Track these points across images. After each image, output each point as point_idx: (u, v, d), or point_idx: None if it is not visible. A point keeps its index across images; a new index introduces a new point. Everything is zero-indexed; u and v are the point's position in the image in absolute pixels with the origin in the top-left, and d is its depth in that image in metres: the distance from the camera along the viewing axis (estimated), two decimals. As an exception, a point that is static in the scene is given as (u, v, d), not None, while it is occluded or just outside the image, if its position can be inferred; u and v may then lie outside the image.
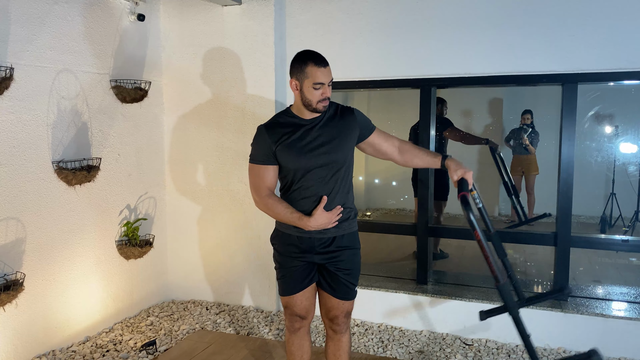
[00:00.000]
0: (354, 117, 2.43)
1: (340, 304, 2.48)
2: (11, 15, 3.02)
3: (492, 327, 3.60)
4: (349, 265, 2.44)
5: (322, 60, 2.29)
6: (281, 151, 2.35)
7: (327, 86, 2.30)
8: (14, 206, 3.08)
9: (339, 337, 2.55)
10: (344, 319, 2.52)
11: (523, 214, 6.03)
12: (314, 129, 2.36)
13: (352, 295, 2.50)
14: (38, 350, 3.27)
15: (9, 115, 3.02)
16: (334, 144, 2.35)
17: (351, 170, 2.47)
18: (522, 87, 6.27)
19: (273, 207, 2.37)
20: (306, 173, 2.36)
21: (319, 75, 2.26)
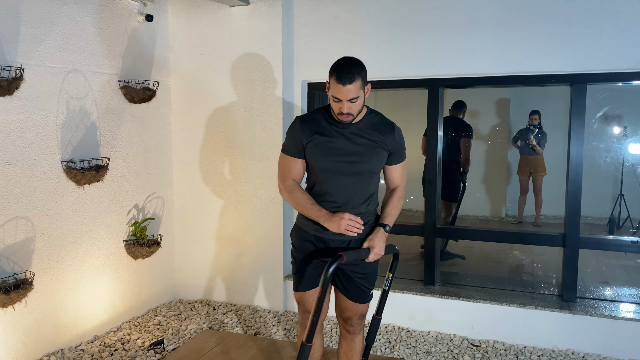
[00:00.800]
0: (391, 137, 2.38)
1: (354, 306, 2.49)
2: (21, 16, 3.04)
3: (500, 328, 3.59)
4: (363, 269, 2.44)
5: (345, 78, 2.19)
6: (310, 149, 2.36)
7: (346, 102, 2.23)
8: (23, 205, 3.10)
9: (352, 338, 2.57)
10: (358, 321, 2.53)
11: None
12: (347, 134, 2.35)
13: (367, 298, 2.50)
14: (47, 349, 3.29)
15: (19, 115, 3.04)
16: (362, 155, 2.34)
17: (376, 179, 2.44)
18: (530, 87, 6.26)
19: (295, 196, 2.39)
20: (329, 177, 2.37)
21: (337, 91, 2.22)
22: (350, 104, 2.24)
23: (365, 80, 2.27)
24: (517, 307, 3.56)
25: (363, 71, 2.26)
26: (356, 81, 2.20)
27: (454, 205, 5.26)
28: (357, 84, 2.21)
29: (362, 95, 2.26)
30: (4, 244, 3.01)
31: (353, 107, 2.25)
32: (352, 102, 2.23)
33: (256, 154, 4.10)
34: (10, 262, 3.04)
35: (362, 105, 2.30)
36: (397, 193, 2.50)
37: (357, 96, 2.22)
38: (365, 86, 2.28)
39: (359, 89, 2.22)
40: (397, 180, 2.50)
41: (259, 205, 4.14)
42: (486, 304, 3.63)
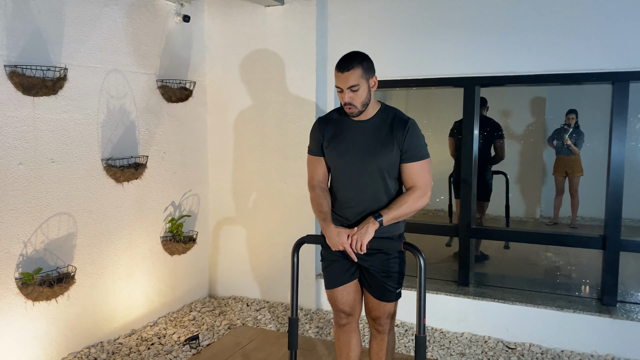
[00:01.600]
0: (403, 133, 2.30)
1: (380, 305, 2.47)
2: (65, 18, 3.13)
3: (537, 331, 3.53)
4: (386, 267, 2.42)
5: (343, 66, 2.24)
6: (326, 147, 2.42)
7: (346, 91, 2.25)
8: (66, 202, 3.19)
9: (382, 337, 2.55)
10: (386, 320, 2.51)
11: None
12: (359, 131, 2.36)
13: (392, 297, 2.46)
14: (88, 341, 3.38)
15: (62, 114, 3.14)
16: (372, 152, 2.33)
17: (392, 179, 2.38)
18: (567, 85, 6.12)
19: (313, 199, 2.45)
20: (341, 174, 2.40)
21: (337, 80, 2.27)
22: (352, 94, 2.25)
23: (368, 72, 2.28)
24: (554, 310, 3.49)
25: (365, 62, 2.27)
26: (355, 69, 2.23)
27: (486, 204, 5.18)
28: (357, 72, 2.23)
29: (364, 85, 2.26)
30: (48, 239, 3.10)
31: (355, 97, 2.26)
32: (354, 92, 2.25)
33: (289, 152, 4.13)
34: (53, 256, 3.14)
35: (366, 97, 2.28)
36: (409, 191, 2.34)
37: (357, 84, 2.23)
38: (369, 78, 2.28)
39: (359, 77, 2.24)
40: (413, 180, 2.34)
41: (291, 203, 4.16)
42: (522, 306, 3.57)
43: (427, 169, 2.36)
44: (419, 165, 2.33)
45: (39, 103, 3.00)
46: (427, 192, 2.33)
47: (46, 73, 2.96)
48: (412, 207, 2.32)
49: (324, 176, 2.49)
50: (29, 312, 3.01)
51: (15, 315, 2.93)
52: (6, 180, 2.86)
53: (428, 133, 7.29)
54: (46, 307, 3.10)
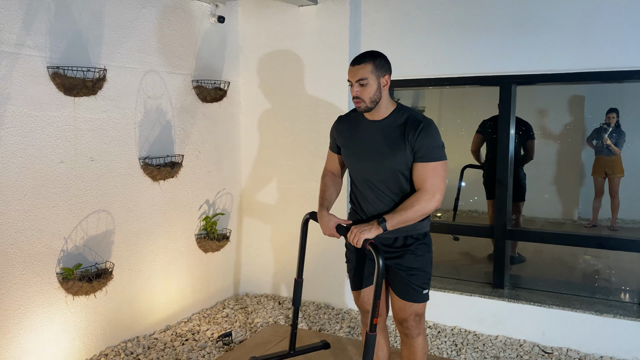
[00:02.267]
0: (413, 132, 2.26)
1: (406, 306, 2.43)
2: (105, 20, 3.21)
3: (574, 335, 3.44)
4: (411, 266, 2.39)
5: (355, 59, 2.31)
6: (341, 146, 2.50)
7: (355, 84, 2.28)
8: (105, 199, 3.28)
9: (411, 342, 2.49)
10: (414, 323, 2.45)
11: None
12: (372, 131, 2.37)
13: (419, 298, 2.42)
14: (124, 335, 3.47)
15: (101, 114, 3.22)
16: (384, 152, 2.32)
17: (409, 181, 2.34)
18: (607, 84, 5.94)
19: (320, 186, 2.59)
20: (356, 174, 2.44)
21: (348, 73, 2.34)
22: (360, 88, 2.28)
23: (380, 69, 2.29)
24: (593, 315, 3.40)
25: (378, 60, 2.30)
26: (366, 64, 2.27)
27: (522, 204, 5.07)
28: (367, 67, 2.27)
29: (373, 81, 2.27)
30: (88, 235, 3.19)
31: (363, 92, 2.28)
32: (362, 86, 2.27)
33: (321, 152, 4.14)
34: (92, 252, 3.23)
35: (375, 93, 2.28)
36: (415, 194, 2.28)
37: (366, 77, 2.26)
38: (381, 76, 2.29)
39: (369, 72, 2.26)
40: (420, 181, 2.28)
41: (324, 203, 4.16)
42: (559, 309, 3.49)
43: (438, 172, 2.27)
44: (429, 167, 2.26)
45: (79, 103, 3.09)
46: (435, 195, 2.25)
47: (86, 74, 3.05)
48: (419, 211, 2.25)
49: (337, 168, 2.61)
50: (69, 306, 3.10)
51: (56, 308, 3.03)
52: (48, 178, 2.96)
53: (461, 133, 7.22)
54: (85, 302, 3.19)
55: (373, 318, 2.21)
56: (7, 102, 2.74)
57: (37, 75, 2.87)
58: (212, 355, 3.36)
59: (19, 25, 2.76)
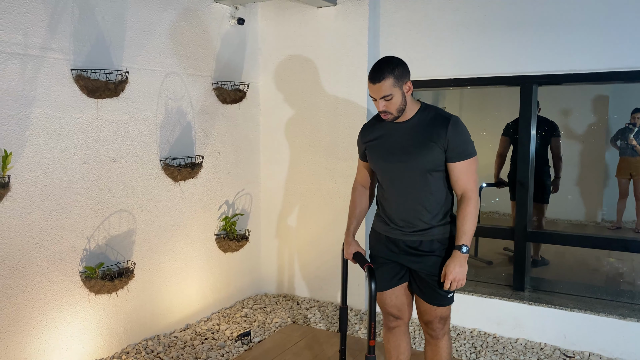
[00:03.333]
0: (444, 131, 2.26)
1: (432, 309, 2.43)
2: (127, 23, 3.27)
3: (597, 339, 3.39)
4: (435, 271, 2.38)
5: (374, 77, 2.24)
6: (369, 152, 2.48)
7: (380, 100, 2.26)
8: (126, 199, 3.33)
9: (435, 342, 2.50)
10: (439, 325, 2.46)
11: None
12: (400, 132, 2.35)
13: (445, 301, 2.42)
14: (145, 334, 3.52)
15: (123, 116, 3.28)
16: (412, 152, 2.31)
17: (438, 181, 2.34)
18: (633, 84, 5.83)
19: (350, 204, 2.62)
20: (384, 175, 2.43)
21: (369, 89, 2.30)
22: (386, 102, 2.26)
23: (401, 79, 2.25)
24: (616, 319, 3.34)
25: (397, 69, 2.24)
26: (386, 79, 2.22)
27: (545, 206, 5.00)
28: (388, 81, 2.22)
29: (397, 93, 2.25)
30: (110, 235, 3.25)
31: (390, 105, 2.26)
32: (387, 100, 2.25)
33: (340, 153, 4.14)
34: (114, 251, 3.29)
35: (401, 103, 2.27)
36: (464, 201, 2.29)
37: (390, 94, 2.23)
38: (403, 84, 2.26)
39: (391, 87, 2.23)
40: (461, 182, 2.29)
41: (341, 203, 4.17)
42: (581, 313, 3.44)
43: (472, 169, 2.30)
44: (466, 165, 2.28)
45: (102, 105, 3.15)
46: (475, 196, 2.30)
47: (109, 76, 3.10)
48: (475, 216, 2.30)
49: (366, 179, 2.62)
50: (91, 304, 3.16)
51: (79, 306, 3.09)
52: (71, 179, 3.02)
53: (482, 133, 7.15)
54: (107, 300, 3.25)
55: (369, 340, 2.30)
56: (32, 104, 2.80)
57: (62, 78, 2.93)
58: (230, 354, 3.39)
59: (44, 29, 2.83)
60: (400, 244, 2.41)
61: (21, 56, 2.74)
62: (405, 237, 2.39)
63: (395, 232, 2.41)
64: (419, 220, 2.36)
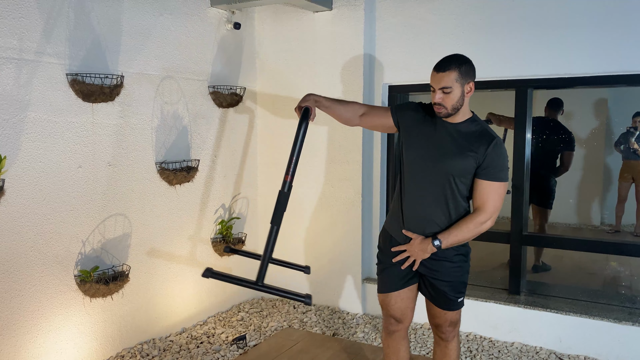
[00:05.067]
0: (485, 148, 2.24)
1: (442, 313, 2.45)
2: (123, 28, 3.28)
3: (592, 343, 3.38)
4: (447, 277, 2.39)
5: (440, 66, 2.25)
6: (406, 134, 2.42)
7: (438, 91, 2.24)
8: (122, 203, 3.34)
9: (445, 344, 2.52)
10: (449, 328, 2.48)
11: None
12: (444, 131, 2.33)
13: (455, 306, 2.43)
14: (141, 337, 3.52)
15: (119, 120, 3.29)
16: (449, 153, 2.29)
17: (462, 189, 2.32)
18: (632, 87, 5.82)
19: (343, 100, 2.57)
20: (411, 166, 2.39)
21: (432, 78, 2.28)
22: (443, 95, 2.23)
23: (465, 77, 2.24)
24: (611, 322, 3.33)
25: (464, 66, 2.24)
26: (451, 71, 2.21)
27: (549, 212, 4.98)
28: (452, 74, 2.21)
29: (457, 89, 2.23)
30: (105, 238, 3.26)
31: (446, 99, 2.23)
32: (445, 93, 2.23)
33: (336, 156, 4.15)
34: (109, 255, 3.29)
35: (458, 100, 2.25)
36: (475, 214, 2.28)
37: (450, 86, 2.21)
38: (465, 83, 2.25)
39: (453, 80, 2.21)
40: (482, 200, 2.28)
41: (338, 207, 4.18)
42: (577, 317, 3.43)
43: (500, 193, 2.28)
44: (493, 186, 2.27)
45: (98, 109, 3.16)
46: (492, 216, 2.28)
47: (104, 80, 3.12)
48: (473, 232, 2.28)
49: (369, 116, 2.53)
50: (86, 308, 3.16)
51: (74, 310, 3.10)
52: (67, 183, 3.03)
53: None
54: (102, 304, 3.25)
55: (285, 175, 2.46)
56: (27, 109, 2.82)
57: (57, 82, 2.94)
58: (226, 358, 3.39)
59: (39, 34, 2.85)
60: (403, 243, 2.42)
61: (16, 61, 2.76)
62: (407, 240, 2.40)
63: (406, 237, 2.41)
64: (433, 222, 2.35)
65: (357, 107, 2.54)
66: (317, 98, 2.46)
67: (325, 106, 2.48)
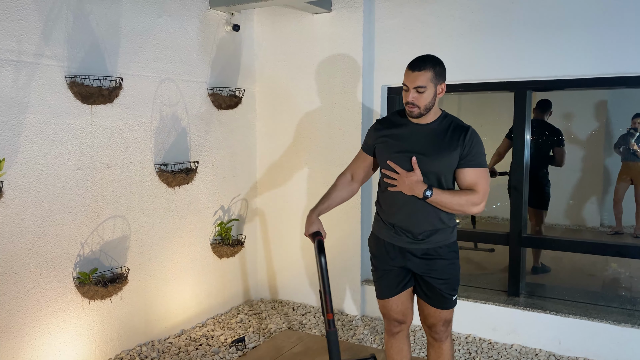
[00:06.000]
0: (462, 138, 2.30)
1: (437, 312, 2.46)
2: (122, 30, 3.29)
3: (591, 345, 3.37)
4: (443, 275, 2.40)
5: (415, 65, 2.27)
6: (381, 146, 2.44)
7: (412, 91, 2.26)
8: (121, 205, 3.34)
9: (439, 345, 2.53)
10: (443, 328, 2.49)
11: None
12: (420, 134, 2.35)
13: (449, 304, 2.45)
14: (139, 339, 3.52)
15: (118, 122, 3.29)
16: (431, 154, 2.32)
17: (449, 185, 2.36)
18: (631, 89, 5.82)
19: (332, 185, 2.58)
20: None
21: (406, 77, 2.30)
22: (417, 94, 2.26)
23: (438, 77, 2.28)
24: (611, 324, 3.33)
25: (438, 67, 2.28)
26: (426, 70, 2.25)
27: (545, 213, 4.98)
28: (427, 74, 2.24)
29: (431, 89, 2.26)
30: (104, 240, 3.26)
31: (419, 98, 2.26)
32: (419, 92, 2.25)
33: (336, 158, 4.15)
34: (108, 257, 3.29)
35: (430, 100, 2.28)
36: (469, 191, 2.30)
37: (425, 86, 2.24)
38: (438, 84, 2.28)
39: (428, 80, 2.24)
40: (473, 185, 2.31)
41: (337, 209, 4.14)
42: (576, 319, 3.42)
43: (487, 177, 2.34)
44: (478, 172, 2.32)
45: (96, 111, 3.16)
46: (483, 200, 2.31)
47: (103, 82, 3.12)
48: (463, 207, 2.29)
49: (359, 171, 2.57)
50: (85, 310, 3.16)
51: (73, 312, 3.10)
52: (65, 185, 3.03)
53: (484, 138, 7.12)
54: (101, 306, 3.25)
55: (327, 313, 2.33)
56: (26, 111, 2.82)
57: (55, 84, 2.95)
58: (224, 360, 3.39)
59: (38, 36, 2.85)
60: (406, 250, 2.42)
61: (15, 63, 2.76)
62: (411, 244, 2.40)
63: (400, 238, 2.41)
64: (425, 223, 2.36)
65: (344, 178, 2.59)
66: (317, 211, 2.51)
67: (326, 208, 2.54)
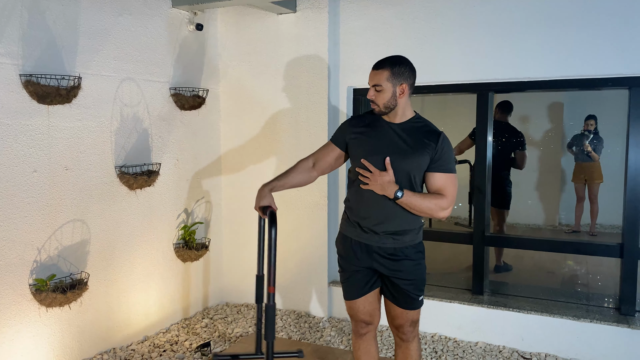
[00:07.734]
0: (434, 141, 2.33)
1: (404, 313, 2.46)
2: (80, 28, 3.18)
3: (553, 341, 3.46)
4: (409, 275, 2.41)
5: (375, 63, 2.35)
6: (354, 142, 2.44)
7: (371, 88, 2.33)
8: (79, 209, 3.23)
9: (406, 345, 2.53)
10: (410, 328, 2.50)
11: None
12: (392, 132, 2.38)
13: (416, 305, 2.47)
14: (100, 347, 3.41)
15: (76, 122, 3.18)
16: (401, 153, 2.33)
17: (417, 186, 2.37)
18: (585, 91, 6.02)
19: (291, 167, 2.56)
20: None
21: (369, 76, 2.37)
22: (375, 92, 2.33)
23: (397, 77, 2.31)
24: (570, 320, 3.42)
25: (398, 67, 2.31)
26: (383, 70, 2.31)
27: (506, 212, 5.09)
28: (384, 74, 2.30)
29: (389, 88, 2.30)
30: (62, 245, 3.14)
31: (378, 96, 2.32)
32: (377, 91, 2.32)
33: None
34: (67, 262, 3.18)
35: (389, 99, 2.31)
36: (438, 195, 2.32)
37: (381, 84, 2.30)
38: (397, 84, 2.31)
39: (384, 80, 2.29)
40: (442, 189, 2.33)
41: (304, 211, 4.15)
42: (537, 315, 3.51)
43: (455, 183, 2.37)
44: (448, 177, 2.35)
45: (54, 111, 3.05)
46: (451, 205, 2.35)
47: (60, 82, 3.01)
48: (431, 210, 2.32)
49: (323, 161, 2.54)
50: (42, 318, 3.04)
51: (29, 320, 2.97)
52: (21, 188, 2.91)
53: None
54: (59, 313, 3.13)
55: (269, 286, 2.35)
56: (-23, 111, 2.69)
57: (9, 83, 2.82)
58: (190, 366, 3.31)
59: (-10, 33, 2.72)
60: (373, 249, 2.41)
61: (-35, 60, 2.63)
62: (378, 243, 2.39)
63: (367, 236, 2.41)
64: (393, 223, 2.36)
65: (305, 163, 2.56)
66: (270, 186, 2.48)
67: (280, 186, 2.50)
